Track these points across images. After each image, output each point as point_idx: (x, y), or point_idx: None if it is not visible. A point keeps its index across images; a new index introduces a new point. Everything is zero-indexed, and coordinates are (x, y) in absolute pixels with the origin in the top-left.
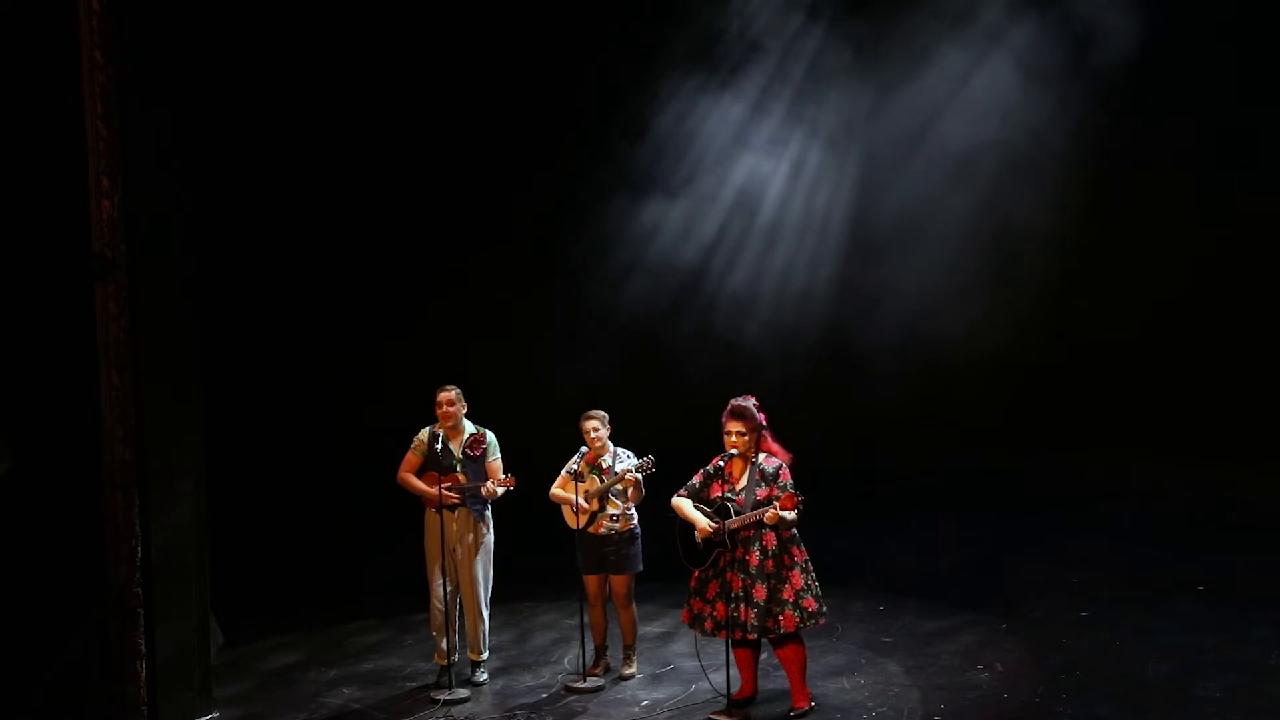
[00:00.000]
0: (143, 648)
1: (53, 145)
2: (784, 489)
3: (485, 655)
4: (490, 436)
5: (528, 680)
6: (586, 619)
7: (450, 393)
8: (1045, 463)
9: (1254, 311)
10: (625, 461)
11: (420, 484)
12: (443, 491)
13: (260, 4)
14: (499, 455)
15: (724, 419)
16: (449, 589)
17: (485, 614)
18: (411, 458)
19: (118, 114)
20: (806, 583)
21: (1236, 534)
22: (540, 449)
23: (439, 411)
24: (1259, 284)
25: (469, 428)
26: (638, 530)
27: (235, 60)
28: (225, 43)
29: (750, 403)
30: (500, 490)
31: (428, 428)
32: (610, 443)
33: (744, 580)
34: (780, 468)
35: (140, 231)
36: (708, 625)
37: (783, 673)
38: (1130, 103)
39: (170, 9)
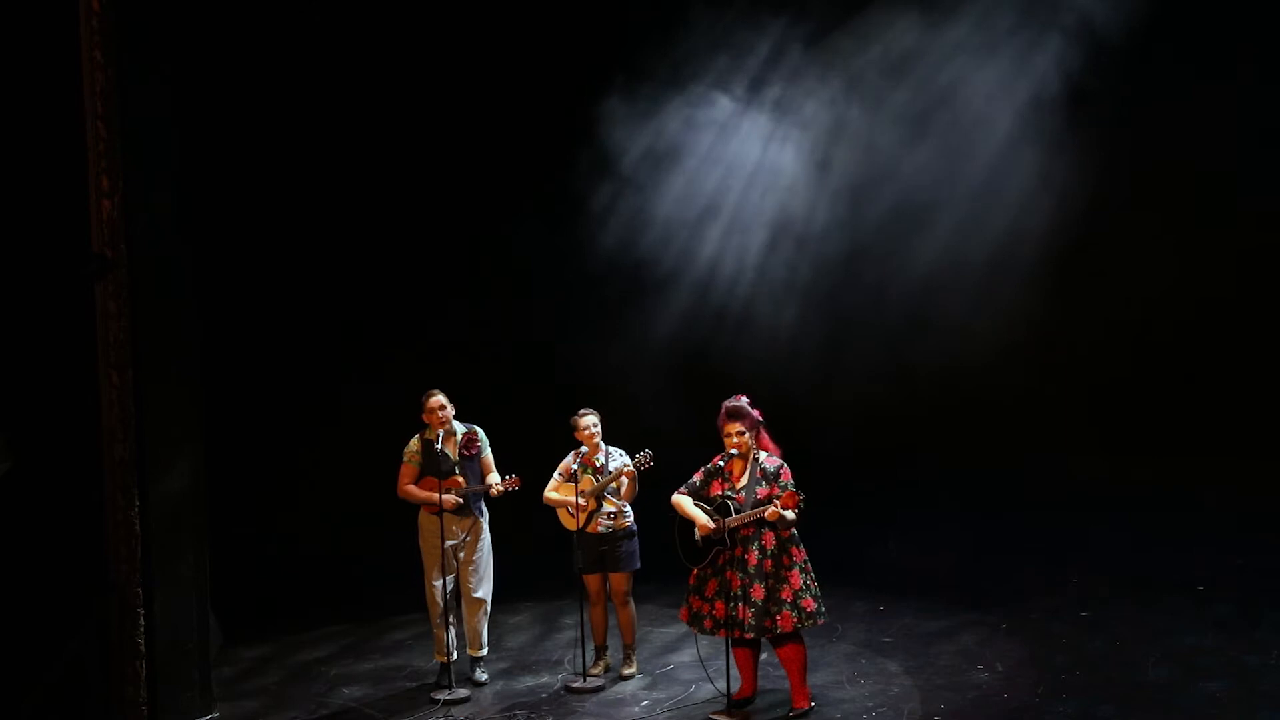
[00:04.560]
0: (143, 648)
1: (53, 145)
2: (785, 488)
3: (484, 651)
4: (481, 433)
5: (528, 680)
6: (586, 619)
7: (439, 398)
8: (1045, 463)
9: (1255, 311)
10: (618, 460)
11: (423, 493)
12: (443, 495)
13: (261, 4)
14: (490, 449)
15: (720, 422)
16: (448, 587)
17: (487, 610)
18: (408, 469)
19: (118, 114)
20: (805, 583)
21: (1237, 534)
22: (539, 449)
23: (431, 419)
24: (1259, 284)
25: (459, 428)
26: (635, 528)
27: (236, 60)
28: (225, 42)
29: (743, 401)
30: (506, 489)
31: (416, 436)
32: (602, 442)
33: (742, 579)
34: (781, 467)
35: (140, 231)
36: (706, 624)
37: (783, 672)
38: (1133, 93)
39: (170, 10)
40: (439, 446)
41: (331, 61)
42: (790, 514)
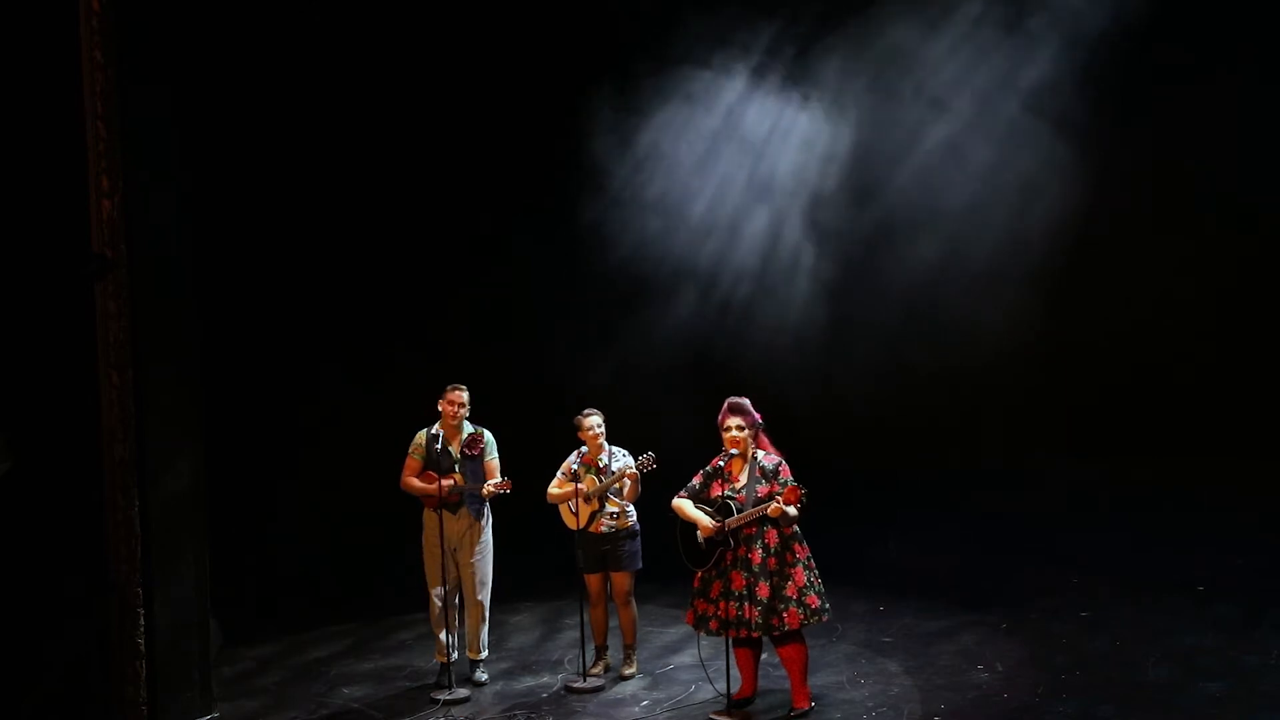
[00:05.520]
0: (143, 648)
1: (53, 145)
2: (784, 484)
3: (485, 654)
4: (488, 435)
5: (528, 680)
6: (587, 618)
7: (463, 394)
8: (1045, 463)
9: (1255, 311)
10: (621, 460)
11: (421, 485)
12: (442, 490)
13: (261, 5)
14: (496, 454)
15: (721, 417)
16: (448, 587)
17: (486, 613)
18: (411, 463)
19: (118, 114)
20: (809, 579)
21: (1237, 533)
22: (539, 450)
23: (446, 408)
24: (1258, 284)
25: (467, 428)
26: (637, 528)
27: (236, 60)
28: (226, 42)
29: (746, 401)
30: (496, 491)
31: (424, 430)
32: (605, 442)
33: (747, 578)
34: (780, 464)
35: (140, 231)
36: (712, 625)
37: (782, 672)
38: (1134, 92)
39: (170, 10)
40: (440, 444)
41: (331, 60)
42: (792, 510)
